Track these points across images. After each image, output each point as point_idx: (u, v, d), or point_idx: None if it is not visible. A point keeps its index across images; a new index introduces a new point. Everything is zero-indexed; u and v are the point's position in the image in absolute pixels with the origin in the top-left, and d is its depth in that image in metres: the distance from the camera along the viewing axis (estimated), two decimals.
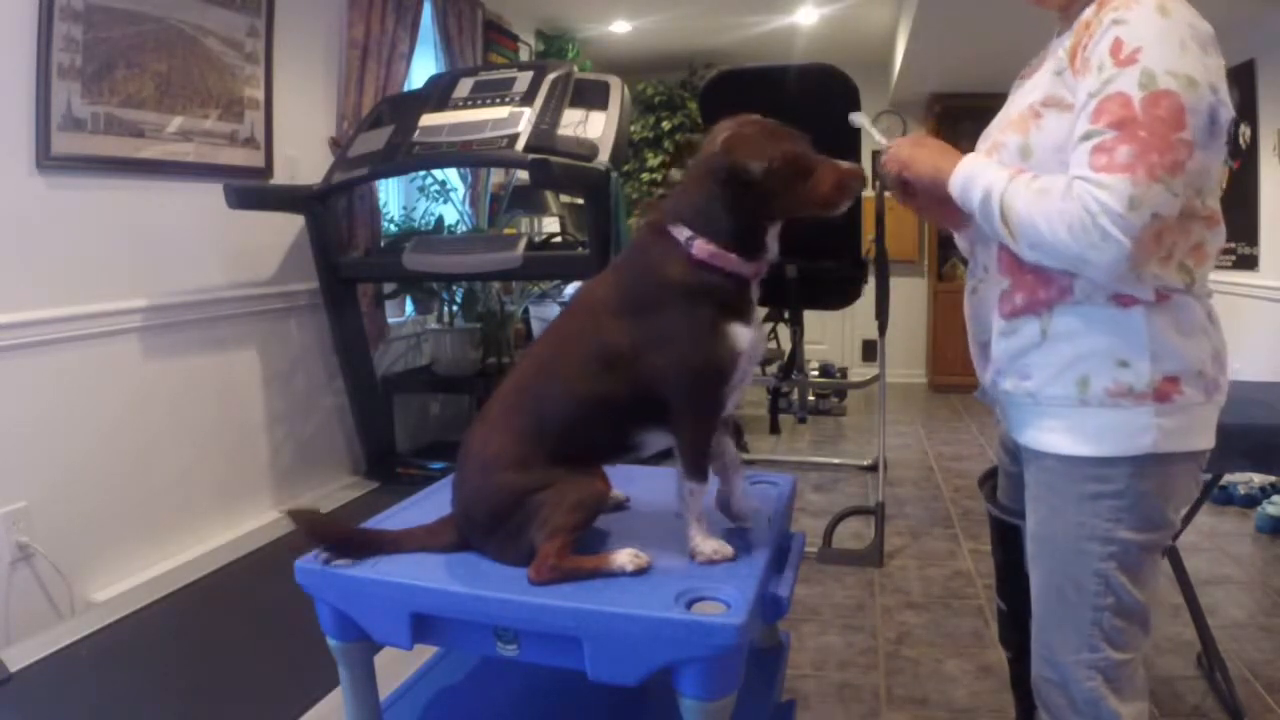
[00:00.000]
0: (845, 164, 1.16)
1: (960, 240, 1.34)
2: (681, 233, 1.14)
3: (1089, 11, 1.06)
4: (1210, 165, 1.06)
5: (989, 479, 1.48)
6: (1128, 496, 1.08)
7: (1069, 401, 1.10)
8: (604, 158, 2.75)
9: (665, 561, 1.14)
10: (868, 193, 3.32)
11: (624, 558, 1.11)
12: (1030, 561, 1.21)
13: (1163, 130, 0.95)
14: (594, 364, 1.15)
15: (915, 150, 1.19)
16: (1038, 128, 1.09)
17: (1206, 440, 1.11)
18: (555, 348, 1.22)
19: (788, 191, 1.13)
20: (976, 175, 1.09)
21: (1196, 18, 1.01)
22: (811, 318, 3.68)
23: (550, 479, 1.14)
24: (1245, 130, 4.03)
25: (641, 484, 1.45)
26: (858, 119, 1.42)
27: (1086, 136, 0.99)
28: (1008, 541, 1.39)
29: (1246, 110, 4.01)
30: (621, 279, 1.20)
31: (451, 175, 3.81)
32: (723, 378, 1.13)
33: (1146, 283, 1.06)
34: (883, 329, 3.42)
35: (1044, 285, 1.11)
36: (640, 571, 1.10)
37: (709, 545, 1.16)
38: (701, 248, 1.13)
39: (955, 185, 1.12)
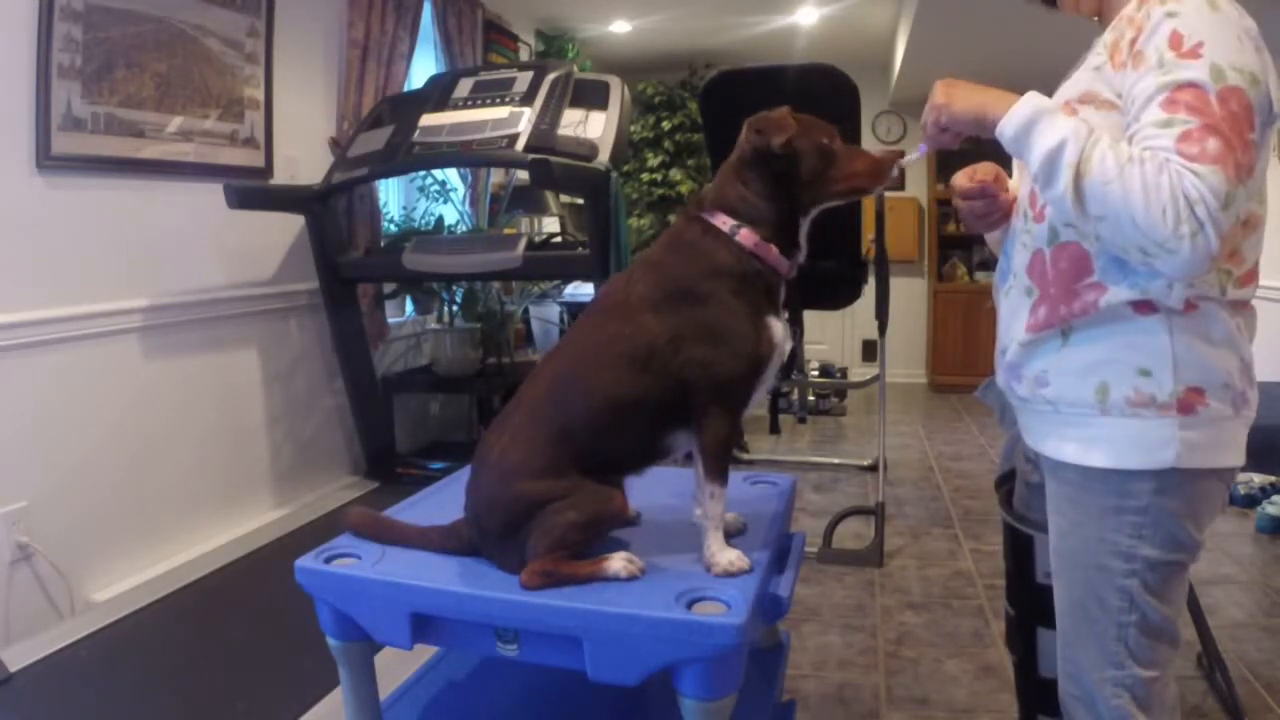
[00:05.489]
0: (879, 150, 1.18)
1: (990, 238, 1.30)
2: (725, 223, 1.17)
3: (1129, 7, 1.03)
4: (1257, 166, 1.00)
5: (1005, 483, 1.42)
6: (1150, 513, 1.03)
7: (1088, 410, 1.05)
8: (604, 158, 2.74)
9: (665, 561, 1.14)
10: None
11: (618, 564, 1.10)
12: (1053, 575, 1.16)
13: (1239, 128, 0.91)
14: (626, 366, 1.13)
15: (951, 89, 1.08)
16: None
17: (1235, 457, 1.05)
18: (581, 353, 1.19)
19: (815, 174, 1.16)
20: (1043, 118, 0.98)
21: (1243, 14, 0.97)
22: (811, 318, 3.68)
23: (568, 492, 1.11)
24: None
25: (641, 484, 1.45)
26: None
27: (1167, 124, 0.92)
28: (1020, 550, 1.34)
29: None
30: (663, 270, 1.17)
31: (451, 175, 3.80)
32: (759, 370, 1.15)
33: (1177, 288, 1.00)
34: (883, 329, 3.42)
35: (1067, 301, 1.06)
36: (634, 578, 1.09)
37: (726, 556, 1.12)
38: (747, 236, 1.15)
39: (1012, 124, 1.00)
